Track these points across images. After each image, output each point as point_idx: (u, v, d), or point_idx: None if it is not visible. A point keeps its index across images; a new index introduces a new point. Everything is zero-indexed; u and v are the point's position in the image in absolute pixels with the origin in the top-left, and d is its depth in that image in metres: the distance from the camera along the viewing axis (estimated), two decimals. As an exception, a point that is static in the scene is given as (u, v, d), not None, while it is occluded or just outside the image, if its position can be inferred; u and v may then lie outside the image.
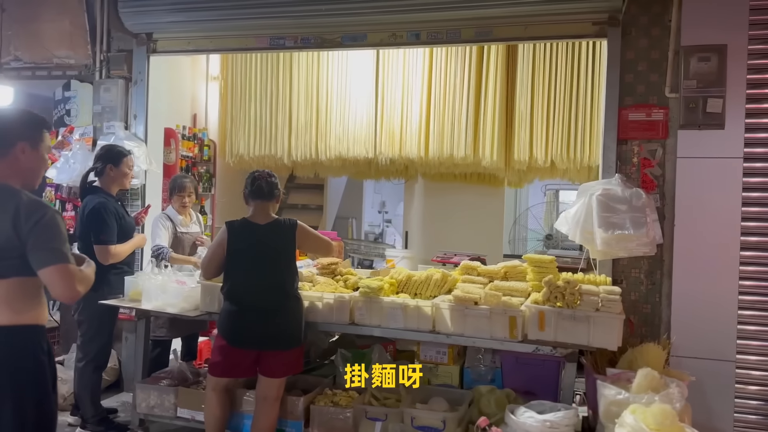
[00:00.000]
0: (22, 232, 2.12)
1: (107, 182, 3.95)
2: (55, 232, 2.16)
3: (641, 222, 3.66)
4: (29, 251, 2.13)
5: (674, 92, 3.80)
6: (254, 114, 5.59)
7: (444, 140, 5.04)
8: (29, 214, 2.13)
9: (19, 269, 2.15)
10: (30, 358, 2.20)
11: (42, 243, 2.13)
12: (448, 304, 3.32)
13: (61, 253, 2.14)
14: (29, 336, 2.21)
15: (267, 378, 3.29)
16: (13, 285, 2.16)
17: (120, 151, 4.02)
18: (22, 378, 2.16)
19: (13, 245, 2.12)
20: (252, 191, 3.36)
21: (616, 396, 2.72)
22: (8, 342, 2.16)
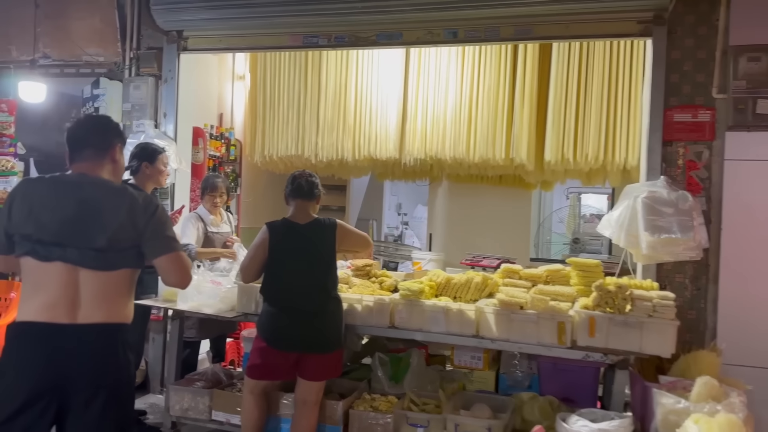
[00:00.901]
0: (139, 223, 2.24)
1: (142, 180, 3.90)
2: (168, 223, 2.36)
3: (688, 226, 3.57)
4: (146, 241, 2.26)
5: (722, 93, 3.71)
6: (282, 113, 5.53)
7: (477, 141, 4.95)
8: (146, 206, 2.27)
9: (130, 260, 2.27)
10: (121, 356, 2.26)
11: (160, 233, 2.28)
12: (493, 308, 3.23)
13: (176, 242, 2.34)
14: (122, 335, 2.28)
15: (307, 381, 3.22)
16: (122, 277, 2.26)
17: (155, 149, 3.97)
18: (114, 376, 2.23)
19: (128, 236, 2.23)
20: (292, 190, 3.30)
21: (675, 405, 2.62)
22: (103, 340, 2.22)
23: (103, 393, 2.18)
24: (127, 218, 2.23)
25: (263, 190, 6.37)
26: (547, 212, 8.46)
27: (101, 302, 2.22)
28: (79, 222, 2.20)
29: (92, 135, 2.35)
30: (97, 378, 2.18)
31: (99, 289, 2.22)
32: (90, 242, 2.19)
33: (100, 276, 2.22)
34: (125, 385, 2.31)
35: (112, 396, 2.21)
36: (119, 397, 2.25)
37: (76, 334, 2.17)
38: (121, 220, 2.22)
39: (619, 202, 3.82)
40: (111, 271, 2.23)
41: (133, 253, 2.27)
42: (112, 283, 2.25)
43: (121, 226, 2.22)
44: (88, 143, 2.32)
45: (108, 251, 2.21)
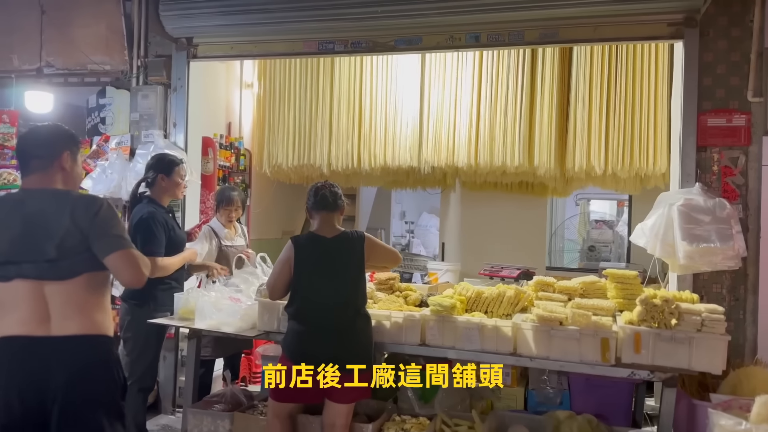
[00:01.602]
0: (84, 225, 2.20)
1: (158, 193, 3.74)
2: (114, 220, 2.29)
3: (727, 234, 3.46)
4: (93, 242, 2.21)
5: (757, 96, 3.59)
6: (293, 122, 5.38)
7: (495, 147, 4.82)
8: (87, 207, 2.24)
9: (88, 264, 2.22)
10: (98, 369, 2.24)
11: (104, 231, 2.23)
12: (531, 324, 3.08)
13: (123, 239, 2.27)
14: (100, 346, 2.26)
15: (336, 404, 3.05)
16: (86, 282, 2.23)
17: (172, 160, 3.81)
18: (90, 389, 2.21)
19: (78, 240, 2.20)
20: (316, 202, 3.14)
21: (735, 427, 2.47)
22: (79, 353, 2.20)
23: (81, 406, 2.18)
24: (71, 223, 2.20)
25: (273, 200, 6.21)
26: (557, 219, 8.35)
27: (72, 312, 2.21)
28: (27, 237, 2.19)
29: (36, 146, 2.32)
30: (71, 391, 2.17)
31: (65, 299, 2.21)
32: (41, 254, 2.18)
33: (63, 285, 2.21)
34: (104, 400, 2.25)
35: (89, 410, 2.20)
36: (97, 412, 2.22)
37: (51, 346, 2.18)
38: (66, 225, 2.20)
39: (653, 210, 3.70)
40: (72, 279, 2.22)
41: (89, 256, 2.23)
42: (78, 291, 2.23)
43: (67, 232, 2.19)
44: (33, 155, 2.31)
45: (62, 260, 2.19)
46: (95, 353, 2.25)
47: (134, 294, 3.65)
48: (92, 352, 2.24)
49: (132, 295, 3.66)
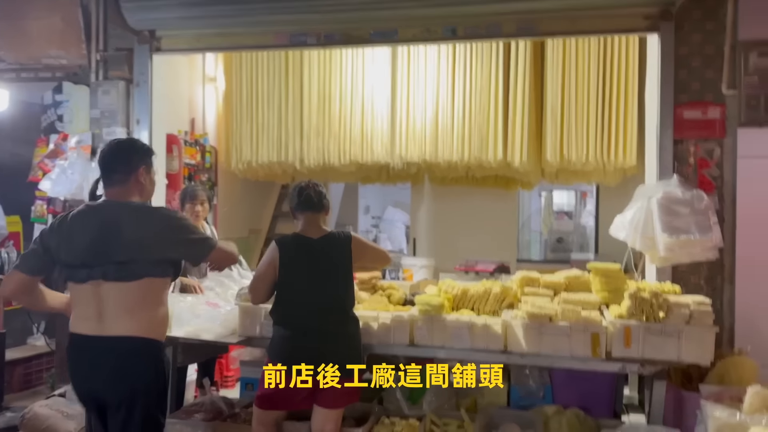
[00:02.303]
0: (155, 234, 2.45)
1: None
2: (188, 227, 2.58)
3: (706, 226, 3.50)
4: (180, 253, 2.56)
5: (731, 89, 3.64)
6: (262, 118, 5.22)
7: (471, 142, 4.78)
8: (161, 219, 2.51)
9: (155, 270, 2.46)
10: (142, 371, 2.43)
11: (187, 239, 2.54)
12: (521, 321, 3.05)
13: (207, 239, 2.65)
14: (147, 349, 2.45)
15: (325, 409, 2.96)
16: (145, 287, 2.44)
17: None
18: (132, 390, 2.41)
19: (145, 248, 2.42)
20: (300, 203, 3.03)
21: (730, 419, 2.49)
22: (124, 353, 2.40)
23: (123, 406, 2.39)
24: (142, 231, 2.42)
25: (239, 198, 6.04)
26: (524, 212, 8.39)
27: (123, 314, 2.41)
28: (101, 243, 2.40)
29: (115, 161, 2.54)
30: (116, 390, 2.40)
31: (120, 301, 2.41)
32: (110, 258, 2.39)
33: (121, 287, 2.41)
34: (146, 401, 2.42)
35: (131, 410, 2.39)
36: (138, 413, 2.39)
37: (100, 345, 2.41)
38: (140, 235, 2.42)
39: (631, 203, 3.71)
40: (132, 282, 2.41)
41: (157, 262, 2.47)
42: (134, 294, 2.43)
43: (137, 240, 2.41)
44: (113, 170, 2.52)
45: (130, 263, 2.40)
46: (135, 354, 2.42)
47: None
48: (132, 353, 2.41)
49: None
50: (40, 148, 4.65)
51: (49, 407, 4.04)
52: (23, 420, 3.98)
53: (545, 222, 8.40)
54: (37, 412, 3.98)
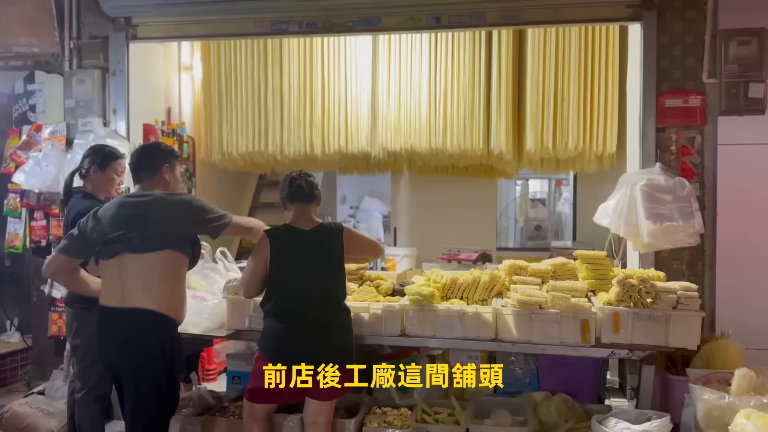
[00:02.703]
0: (182, 218, 2.76)
1: (93, 186, 3.44)
2: (205, 207, 2.87)
3: (688, 212, 3.57)
4: (201, 230, 2.86)
5: (712, 77, 3.70)
6: (241, 107, 5.13)
7: (453, 131, 4.78)
8: (181, 203, 2.82)
9: (173, 243, 2.73)
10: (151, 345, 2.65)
11: (204, 218, 2.82)
12: (512, 309, 3.06)
13: (223, 216, 2.88)
14: (159, 324, 2.67)
15: (318, 401, 2.94)
16: (162, 258, 2.70)
17: (110, 152, 3.48)
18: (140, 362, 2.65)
19: (166, 226, 2.72)
20: (291, 193, 2.98)
21: (719, 401, 2.55)
22: (137, 326, 2.65)
23: (131, 378, 2.64)
24: (167, 211, 2.73)
25: (218, 188, 5.94)
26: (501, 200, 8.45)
27: (140, 286, 2.66)
28: (128, 220, 2.71)
29: (142, 161, 2.89)
30: (124, 362, 2.66)
31: (139, 273, 2.67)
32: (136, 231, 2.68)
33: (141, 259, 2.67)
34: (151, 376, 2.64)
35: (137, 384, 2.64)
36: (146, 386, 2.63)
37: (118, 317, 2.67)
38: (162, 213, 2.72)
39: (615, 191, 3.76)
40: (151, 253, 2.68)
41: (177, 237, 2.74)
42: (152, 266, 2.68)
43: (163, 217, 2.71)
44: (141, 168, 2.88)
45: (151, 237, 2.69)
46: (144, 327, 2.65)
47: (80, 297, 3.38)
48: (142, 326, 2.65)
49: (78, 299, 3.38)
50: (11, 139, 4.50)
51: (28, 405, 3.94)
52: (2, 419, 3.88)
53: (521, 210, 8.48)
54: (16, 411, 3.88)
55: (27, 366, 4.99)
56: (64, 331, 4.33)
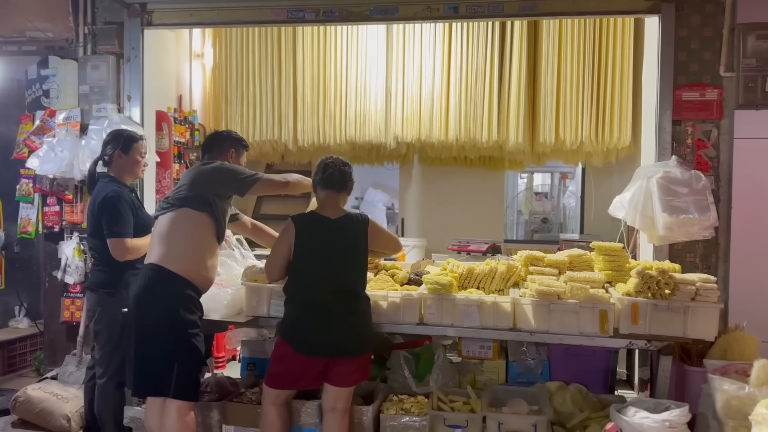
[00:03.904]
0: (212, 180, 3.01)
1: (118, 171, 3.46)
2: (233, 169, 3.10)
3: (704, 205, 3.58)
4: (230, 189, 3.08)
5: (729, 71, 3.71)
6: (254, 95, 5.12)
7: (468, 122, 4.77)
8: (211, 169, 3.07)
9: (194, 202, 2.94)
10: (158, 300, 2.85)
11: (232, 179, 3.06)
12: (531, 300, 3.08)
13: (252, 175, 3.09)
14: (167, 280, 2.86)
15: (336, 387, 2.96)
16: (181, 216, 2.92)
17: (130, 136, 3.52)
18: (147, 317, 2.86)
19: (197, 186, 2.97)
20: (323, 179, 2.99)
21: (738, 391, 2.58)
22: (146, 278, 2.87)
23: (138, 337, 2.84)
24: (200, 172, 3.01)
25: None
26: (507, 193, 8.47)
27: (156, 243, 2.91)
28: (174, 187, 3.13)
29: (214, 143, 3.27)
30: (136, 314, 2.86)
31: (158, 231, 2.94)
32: (169, 195, 3.00)
33: (163, 218, 2.95)
34: (154, 334, 2.82)
35: (139, 328, 2.84)
36: (145, 332, 2.82)
37: (139, 271, 2.96)
38: (191, 179, 3.00)
39: (631, 183, 3.77)
40: (170, 211, 2.93)
41: (197, 196, 2.94)
42: (167, 223, 2.92)
43: (192, 180, 2.98)
44: (209, 149, 3.26)
45: (175, 197, 2.96)
46: (151, 282, 2.84)
47: (104, 282, 3.40)
48: (149, 281, 2.84)
49: (102, 284, 3.40)
50: (24, 124, 4.49)
51: (42, 390, 3.96)
52: (16, 404, 3.89)
53: (526, 203, 8.50)
54: (30, 396, 3.89)
55: (36, 351, 5.00)
56: (76, 316, 4.36)
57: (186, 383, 2.89)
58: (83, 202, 4.34)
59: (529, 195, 8.65)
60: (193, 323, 2.94)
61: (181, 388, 2.86)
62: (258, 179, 3.07)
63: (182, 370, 2.87)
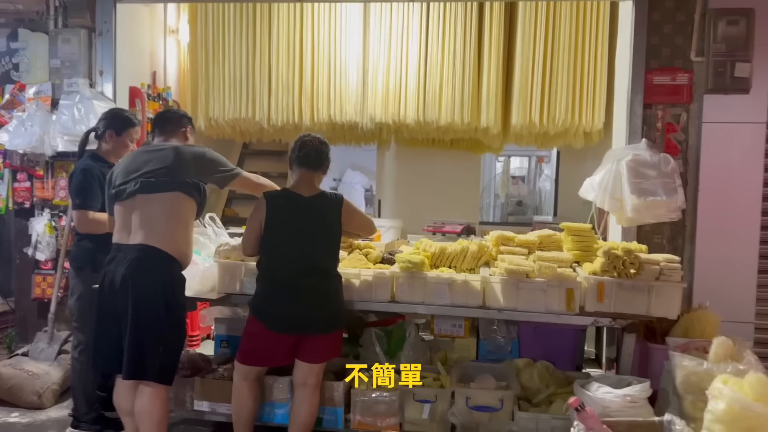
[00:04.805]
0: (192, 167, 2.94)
1: (105, 150, 3.45)
2: (219, 160, 3.08)
3: (672, 188, 3.65)
4: (210, 180, 3.05)
5: (700, 56, 3.76)
6: (228, 73, 5.06)
7: (443, 103, 4.78)
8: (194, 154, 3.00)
9: (181, 186, 2.89)
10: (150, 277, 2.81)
11: (215, 169, 3.04)
12: (500, 278, 3.13)
13: (232, 170, 3.09)
14: (159, 256, 2.83)
15: (307, 364, 2.99)
16: (169, 200, 2.87)
17: (128, 119, 3.50)
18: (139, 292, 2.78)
19: (177, 171, 2.89)
20: (299, 157, 3.00)
21: (697, 367, 2.66)
22: (138, 259, 2.80)
23: (133, 310, 2.76)
24: (181, 158, 2.91)
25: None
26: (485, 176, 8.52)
27: (146, 224, 2.83)
28: (144, 164, 2.89)
29: (172, 114, 3.24)
30: (125, 297, 2.77)
31: (146, 212, 2.85)
32: (150, 174, 2.85)
33: (150, 199, 2.85)
34: (149, 312, 2.78)
35: (138, 316, 2.76)
36: (145, 320, 2.77)
37: (123, 252, 2.84)
38: (176, 159, 2.89)
39: (601, 166, 3.82)
40: (160, 193, 2.85)
41: (186, 182, 2.90)
42: (159, 206, 2.85)
43: (175, 163, 2.88)
44: (170, 120, 3.16)
45: (162, 179, 2.85)
46: (146, 261, 2.80)
47: (75, 256, 3.41)
48: (141, 261, 2.79)
49: (74, 257, 3.41)
50: (5, 103, 4.41)
51: (12, 367, 3.94)
52: (-15, 380, 3.87)
53: (503, 186, 8.58)
54: (0, 372, 3.87)
55: (8, 329, 4.95)
56: (47, 293, 4.32)
57: (169, 366, 2.87)
58: (54, 178, 4.29)
59: (505, 178, 8.73)
60: (185, 305, 2.97)
61: (163, 372, 2.83)
62: (238, 174, 3.07)
63: (169, 353, 2.85)
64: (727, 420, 2.34)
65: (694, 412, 2.67)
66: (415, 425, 3.15)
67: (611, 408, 2.65)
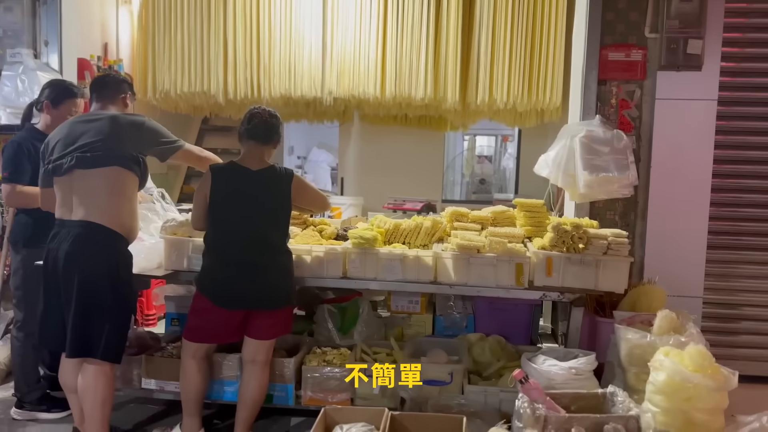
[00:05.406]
0: (132, 137, 2.84)
1: (44, 123, 3.31)
2: (160, 131, 2.94)
3: (624, 164, 3.67)
4: (150, 151, 2.94)
5: (654, 32, 3.77)
6: (182, 45, 4.90)
7: (402, 79, 4.72)
8: (133, 123, 2.88)
9: (121, 161, 2.80)
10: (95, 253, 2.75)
11: (155, 140, 2.92)
12: (451, 253, 3.13)
13: (174, 141, 2.97)
14: (103, 233, 2.76)
15: (256, 340, 2.95)
16: (109, 175, 2.77)
17: (67, 89, 3.35)
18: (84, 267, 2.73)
19: (115, 143, 2.78)
20: (247, 130, 2.93)
21: (641, 340, 2.69)
22: (83, 235, 2.73)
23: (77, 287, 2.70)
24: (119, 130, 2.80)
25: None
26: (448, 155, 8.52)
27: (87, 200, 2.75)
28: (82, 137, 2.78)
29: (110, 80, 3.11)
30: (70, 273, 2.71)
31: (86, 187, 2.76)
32: (86, 148, 2.74)
33: (90, 174, 2.75)
34: (98, 285, 2.73)
35: (83, 292, 2.70)
36: (90, 296, 2.71)
37: (66, 228, 2.76)
38: (114, 131, 2.78)
39: (555, 142, 3.83)
40: (99, 168, 2.75)
41: (125, 156, 2.81)
42: (99, 181, 2.76)
43: (114, 136, 2.77)
44: (107, 86, 3.04)
45: (100, 153, 2.74)
46: (90, 237, 2.73)
47: (12, 231, 3.31)
48: (87, 238, 2.73)
49: (11, 232, 3.31)
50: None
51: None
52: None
53: (468, 165, 8.59)
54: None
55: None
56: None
57: (115, 344, 2.81)
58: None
59: (470, 157, 8.74)
60: (132, 282, 2.90)
61: (109, 350, 2.77)
62: (180, 146, 2.96)
63: (115, 330, 2.79)
64: (667, 391, 2.39)
65: (637, 384, 2.72)
66: (366, 400, 3.15)
67: (556, 380, 2.67)
